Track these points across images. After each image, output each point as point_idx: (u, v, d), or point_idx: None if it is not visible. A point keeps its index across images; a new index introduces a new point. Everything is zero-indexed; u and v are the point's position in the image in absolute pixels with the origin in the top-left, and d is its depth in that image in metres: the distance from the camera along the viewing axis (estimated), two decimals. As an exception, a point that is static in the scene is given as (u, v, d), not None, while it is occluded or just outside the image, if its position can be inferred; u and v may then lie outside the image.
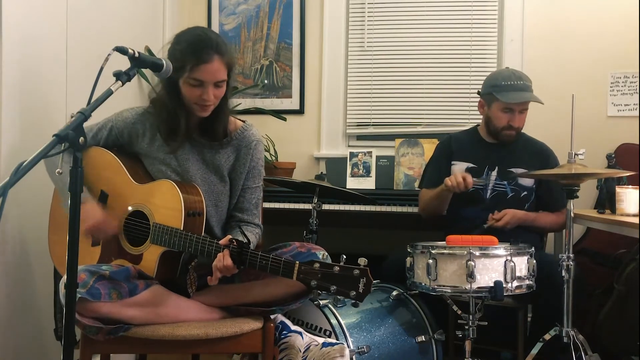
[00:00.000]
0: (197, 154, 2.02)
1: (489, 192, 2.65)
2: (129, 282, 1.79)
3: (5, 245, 2.11)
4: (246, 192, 2.07)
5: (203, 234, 1.89)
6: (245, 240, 1.77)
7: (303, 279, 1.67)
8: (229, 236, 1.81)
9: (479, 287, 2.05)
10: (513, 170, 2.63)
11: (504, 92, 2.55)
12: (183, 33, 1.91)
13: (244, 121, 2.10)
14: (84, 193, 1.48)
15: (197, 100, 1.89)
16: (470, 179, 2.48)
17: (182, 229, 1.83)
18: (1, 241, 2.09)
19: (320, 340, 2.00)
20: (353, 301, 1.65)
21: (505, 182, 2.64)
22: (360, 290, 1.62)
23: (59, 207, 2.08)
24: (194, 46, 1.83)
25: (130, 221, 1.96)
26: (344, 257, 1.67)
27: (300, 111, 3.64)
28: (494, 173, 2.65)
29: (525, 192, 2.63)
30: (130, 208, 1.96)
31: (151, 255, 1.88)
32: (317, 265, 1.66)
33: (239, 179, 2.05)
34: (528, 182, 2.64)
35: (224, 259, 1.74)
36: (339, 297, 2.13)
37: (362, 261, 1.65)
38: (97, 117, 2.02)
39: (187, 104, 1.92)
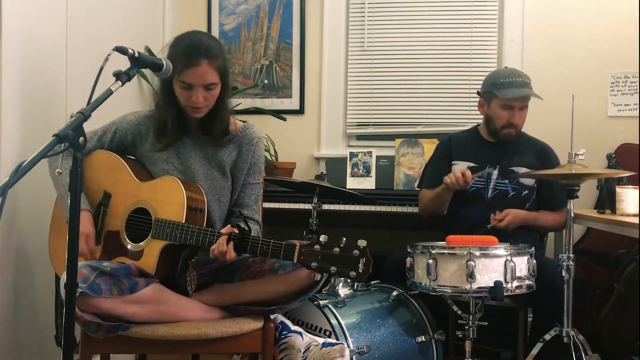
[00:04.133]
0: (200, 151, 2.06)
1: (490, 191, 2.65)
2: (130, 278, 1.80)
3: (6, 247, 2.11)
4: (246, 187, 2.10)
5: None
6: (246, 228, 1.79)
7: (303, 260, 1.69)
8: (229, 226, 1.82)
9: (479, 287, 2.06)
10: (514, 169, 2.63)
11: (503, 89, 2.55)
12: (180, 36, 1.96)
13: (244, 121, 2.13)
14: (82, 202, 1.49)
15: (188, 102, 1.93)
16: (468, 173, 2.47)
17: (183, 222, 1.84)
18: (2, 242, 2.09)
19: (320, 340, 2.00)
20: (353, 281, 1.66)
21: (507, 181, 2.63)
22: (360, 270, 1.64)
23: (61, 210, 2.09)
24: (185, 50, 1.88)
25: (133, 218, 1.97)
26: (344, 239, 1.69)
27: (300, 111, 3.64)
28: (495, 172, 2.65)
29: (526, 191, 2.63)
30: (133, 205, 1.97)
31: (151, 250, 1.89)
32: (317, 247, 1.68)
33: (241, 174, 2.09)
34: (529, 181, 2.63)
35: (221, 246, 1.75)
36: (339, 277, 2.13)
37: (362, 242, 1.67)
38: (97, 117, 2.02)
39: (181, 105, 1.97)
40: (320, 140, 3.62)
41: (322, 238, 1.73)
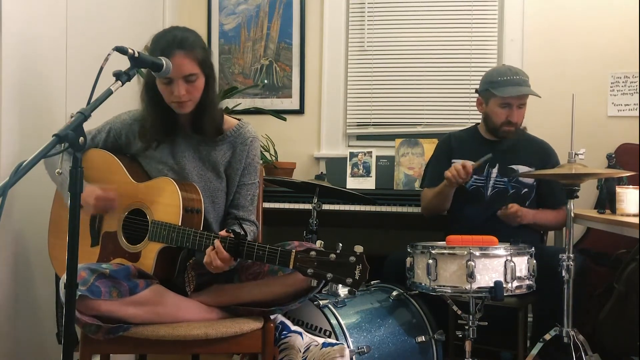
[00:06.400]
0: (194, 151, 2.04)
1: (489, 189, 2.65)
2: (129, 280, 1.79)
3: (7, 246, 2.11)
4: (242, 188, 2.08)
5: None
6: (242, 233, 1.78)
7: (299, 267, 1.67)
8: (224, 231, 1.81)
9: (479, 287, 2.05)
10: (514, 167, 2.63)
11: (501, 87, 2.55)
12: (156, 35, 1.94)
13: (239, 119, 2.11)
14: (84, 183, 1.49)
15: (171, 98, 1.91)
16: (469, 164, 2.46)
17: (180, 224, 1.84)
18: (2, 242, 2.08)
19: (320, 340, 2.00)
20: (349, 288, 1.65)
21: (506, 179, 2.63)
22: (357, 277, 1.62)
23: (60, 210, 2.08)
24: (159, 46, 1.87)
25: (129, 220, 1.97)
26: (340, 245, 1.67)
27: (300, 111, 3.64)
28: (495, 170, 2.65)
29: (525, 189, 2.63)
30: (129, 206, 1.97)
31: (149, 252, 1.88)
32: (313, 253, 1.67)
33: (235, 175, 2.07)
34: (528, 179, 2.63)
35: (215, 251, 1.75)
36: (335, 284, 2.13)
37: (358, 248, 1.65)
38: (97, 117, 2.02)
39: (168, 104, 1.96)
40: (320, 140, 3.62)
41: (319, 244, 1.72)
